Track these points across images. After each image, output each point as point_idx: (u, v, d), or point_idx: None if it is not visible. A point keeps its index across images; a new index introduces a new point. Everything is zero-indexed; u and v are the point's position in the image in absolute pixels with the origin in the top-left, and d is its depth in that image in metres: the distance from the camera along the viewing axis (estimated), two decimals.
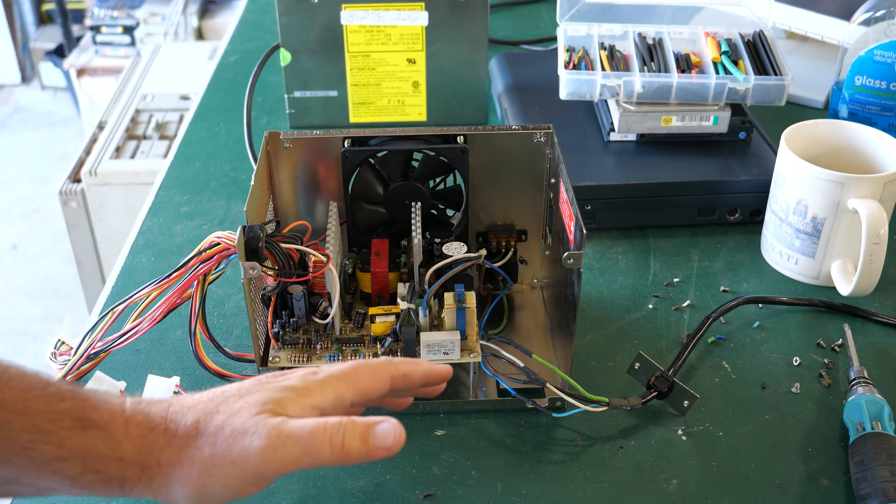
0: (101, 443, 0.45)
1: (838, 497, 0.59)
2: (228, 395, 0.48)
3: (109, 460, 0.45)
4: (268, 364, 0.62)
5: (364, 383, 0.51)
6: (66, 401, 0.45)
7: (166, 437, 0.46)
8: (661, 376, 0.64)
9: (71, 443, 0.44)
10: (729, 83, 0.85)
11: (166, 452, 0.46)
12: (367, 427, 0.48)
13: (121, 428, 0.45)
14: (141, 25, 2.70)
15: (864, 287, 0.73)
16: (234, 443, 0.46)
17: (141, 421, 0.46)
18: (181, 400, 0.48)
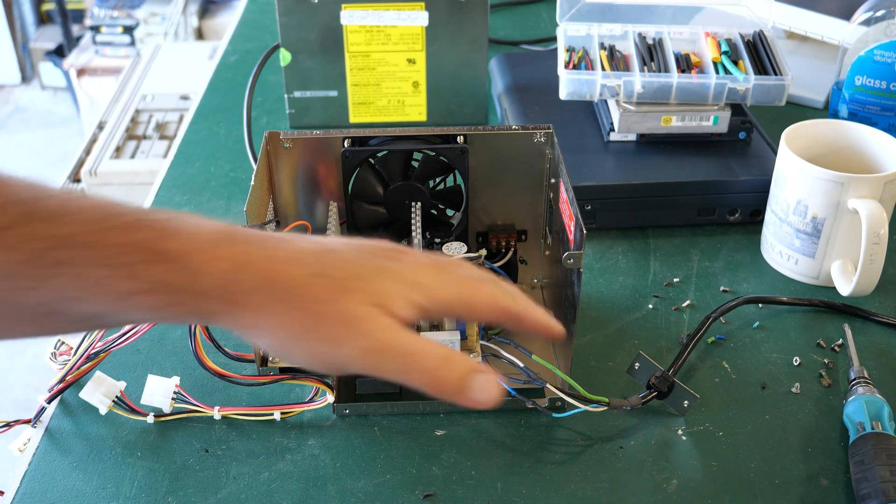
0: (178, 276, 0.42)
1: (838, 497, 0.59)
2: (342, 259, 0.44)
3: (189, 293, 0.42)
4: (268, 364, 0.62)
5: (479, 305, 0.47)
6: (141, 230, 0.41)
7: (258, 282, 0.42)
8: (661, 376, 0.64)
9: (146, 276, 0.41)
10: (729, 83, 0.85)
11: (257, 297, 0.43)
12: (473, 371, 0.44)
13: (200, 259, 0.42)
14: (141, 25, 2.70)
15: (864, 287, 0.73)
16: (337, 327, 0.43)
17: (228, 258, 0.42)
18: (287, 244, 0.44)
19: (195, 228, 0.43)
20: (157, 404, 0.64)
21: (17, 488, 0.60)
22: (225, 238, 0.43)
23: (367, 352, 0.43)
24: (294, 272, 0.43)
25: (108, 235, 0.41)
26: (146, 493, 0.59)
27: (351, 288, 0.43)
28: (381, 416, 0.65)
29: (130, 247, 0.41)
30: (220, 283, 0.42)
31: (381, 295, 0.44)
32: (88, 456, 0.62)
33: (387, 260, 0.45)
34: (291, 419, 0.64)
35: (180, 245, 0.42)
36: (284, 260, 0.43)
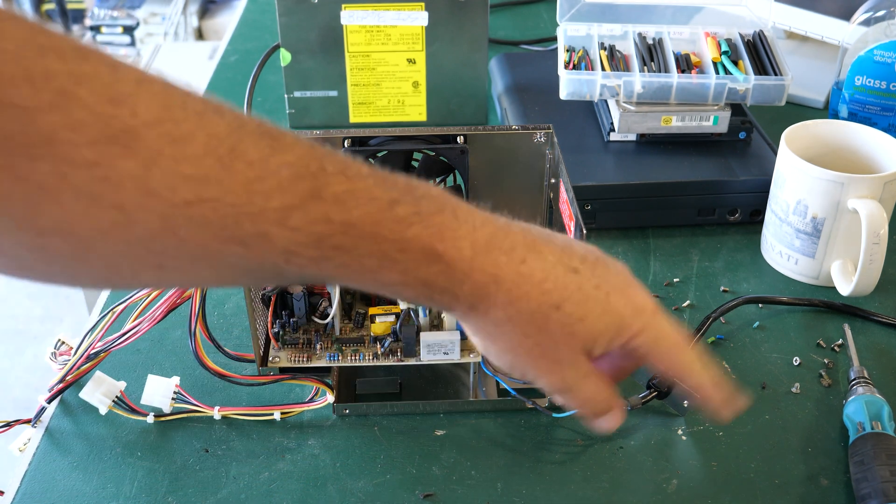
0: (444, 279, 0.43)
1: (838, 497, 0.59)
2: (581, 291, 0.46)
3: (446, 294, 0.44)
4: (268, 364, 0.62)
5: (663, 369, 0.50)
6: (413, 226, 0.42)
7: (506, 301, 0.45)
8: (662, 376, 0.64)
9: (416, 273, 0.43)
10: (729, 83, 0.85)
11: (498, 313, 0.45)
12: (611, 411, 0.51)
13: (466, 267, 0.44)
14: (141, 25, 2.70)
15: (864, 287, 0.73)
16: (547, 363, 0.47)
17: (487, 269, 0.44)
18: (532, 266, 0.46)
19: (459, 227, 0.44)
20: (157, 404, 0.64)
21: (17, 488, 0.60)
22: (485, 245, 0.44)
23: (556, 388, 0.49)
24: (538, 300, 0.45)
25: (386, 228, 0.41)
26: (146, 493, 0.59)
27: (576, 333, 0.47)
28: (381, 416, 0.65)
29: (406, 243, 0.42)
30: (475, 292, 0.44)
31: (595, 342, 0.47)
32: (88, 456, 0.62)
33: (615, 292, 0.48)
34: (291, 419, 0.64)
35: (448, 249, 0.43)
36: (535, 282, 0.45)
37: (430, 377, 0.68)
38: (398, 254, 0.42)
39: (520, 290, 0.45)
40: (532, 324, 0.46)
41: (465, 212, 0.45)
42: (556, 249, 0.47)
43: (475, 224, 0.44)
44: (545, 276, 0.46)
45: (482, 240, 0.44)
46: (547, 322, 0.46)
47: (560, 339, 0.47)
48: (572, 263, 0.47)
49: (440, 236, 0.43)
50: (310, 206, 0.39)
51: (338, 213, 0.40)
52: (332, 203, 0.40)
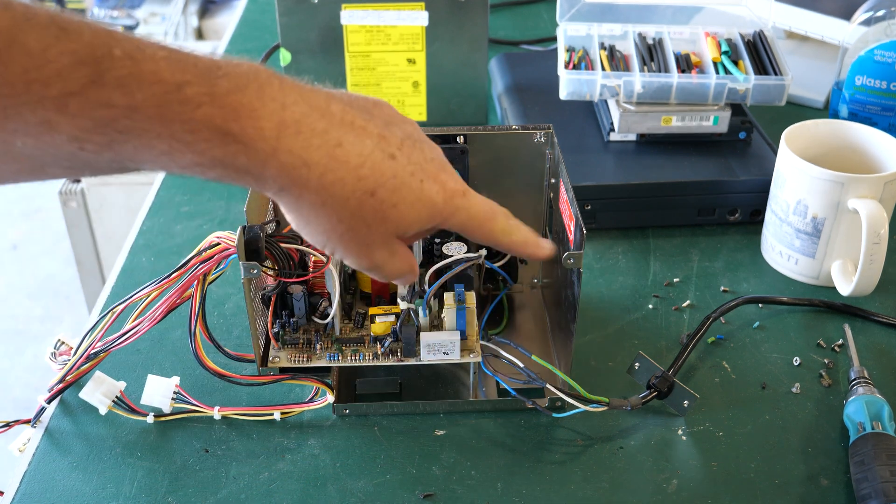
0: (244, 159, 0.43)
1: (838, 497, 0.59)
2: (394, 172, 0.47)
3: (250, 175, 0.44)
4: (268, 364, 0.62)
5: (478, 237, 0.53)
6: (202, 107, 0.41)
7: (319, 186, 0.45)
8: (661, 376, 0.64)
9: (210, 154, 0.42)
10: (729, 83, 0.85)
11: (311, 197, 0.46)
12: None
13: (268, 148, 0.43)
14: (141, 25, 2.70)
15: (864, 287, 0.73)
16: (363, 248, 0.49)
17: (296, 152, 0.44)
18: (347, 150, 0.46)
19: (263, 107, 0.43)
20: (157, 404, 0.64)
21: (16, 488, 0.60)
22: (295, 126, 0.44)
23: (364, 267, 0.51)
24: (352, 186, 0.46)
25: (172, 109, 0.41)
26: (146, 493, 0.59)
27: (388, 219, 0.48)
28: (381, 416, 0.65)
29: (195, 124, 0.41)
30: (284, 173, 0.44)
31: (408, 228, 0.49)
32: (88, 456, 0.62)
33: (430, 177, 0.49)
34: (291, 419, 0.64)
35: (245, 129, 0.42)
36: (350, 168, 0.46)
37: (430, 377, 0.68)
38: (187, 135, 0.41)
39: (334, 174, 0.45)
40: (346, 209, 0.46)
41: (275, 89, 0.44)
42: (375, 133, 0.47)
43: (284, 102, 0.44)
44: (361, 162, 0.46)
45: (291, 119, 0.44)
46: (361, 208, 0.47)
47: (373, 225, 0.48)
48: (390, 149, 0.48)
49: (235, 115, 0.42)
50: (90, 91, 0.39)
51: (120, 96, 0.40)
52: (113, 87, 0.40)
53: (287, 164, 0.44)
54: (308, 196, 0.46)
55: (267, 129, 0.43)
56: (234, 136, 0.42)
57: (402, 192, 0.48)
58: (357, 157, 0.46)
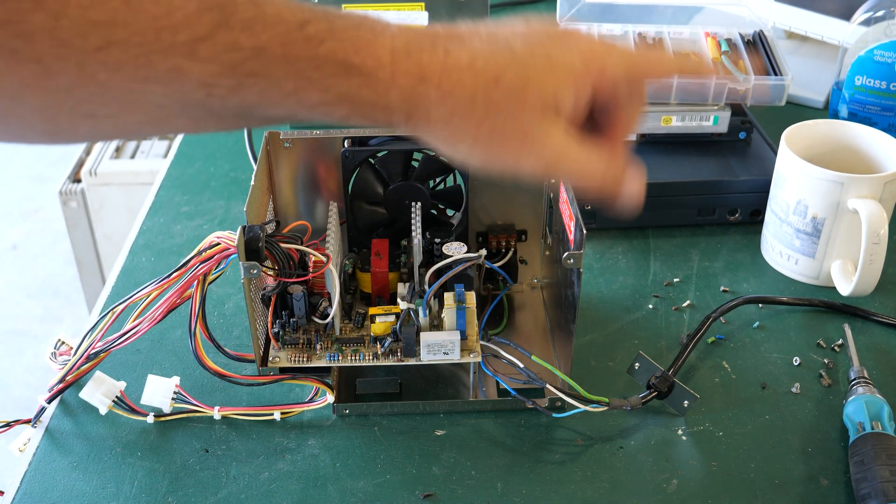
0: (367, 90, 0.43)
1: (838, 497, 0.59)
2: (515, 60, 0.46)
3: (376, 107, 0.44)
4: (268, 364, 0.62)
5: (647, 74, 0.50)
6: (325, 43, 0.42)
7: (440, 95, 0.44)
8: (661, 376, 0.64)
9: (336, 89, 0.43)
10: (729, 83, 0.85)
11: (439, 110, 0.45)
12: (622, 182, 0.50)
13: (387, 75, 0.43)
14: None
15: (864, 287, 0.73)
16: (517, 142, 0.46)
17: (411, 71, 0.44)
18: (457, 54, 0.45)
19: (376, 39, 0.44)
20: (157, 404, 0.64)
21: (17, 488, 0.60)
22: (405, 49, 0.44)
23: (542, 166, 0.48)
24: (473, 82, 0.45)
25: (297, 48, 0.41)
26: (146, 493, 0.59)
27: (527, 99, 0.46)
28: (381, 416, 0.65)
29: (320, 60, 0.42)
30: (405, 97, 0.44)
31: (557, 100, 0.47)
32: (88, 456, 0.62)
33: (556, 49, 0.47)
34: (291, 419, 0.64)
35: (366, 59, 0.43)
36: (465, 68, 0.45)
37: (430, 377, 0.68)
38: (313, 72, 0.42)
39: (451, 79, 0.45)
40: (477, 108, 0.45)
41: (383, 25, 0.45)
42: (483, 34, 0.47)
43: (393, 34, 0.44)
44: (473, 58, 0.45)
45: (401, 46, 0.44)
46: (490, 100, 0.45)
47: (515, 111, 0.46)
48: (500, 41, 0.46)
49: (355, 49, 0.43)
50: (218, 35, 0.40)
51: (246, 39, 0.40)
52: (240, 30, 0.40)
53: (405, 85, 0.44)
54: (436, 111, 0.45)
55: (383, 57, 0.43)
56: (357, 67, 0.43)
57: (528, 69, 0.46)
58: (468, 56, 0.45)
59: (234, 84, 0.41)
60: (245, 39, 0.40)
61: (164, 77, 0.39)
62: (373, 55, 0.43)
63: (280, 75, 0.41)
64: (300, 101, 0.43)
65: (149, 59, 0.39)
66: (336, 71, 0.42)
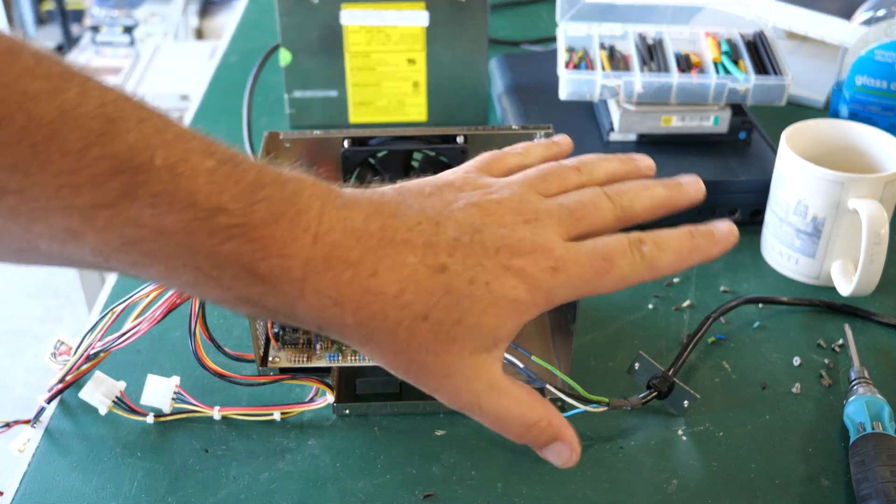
0: (271, 300, 0.39)
1: (839, 497, 0.59)
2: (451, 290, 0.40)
3: (281, 315, 0.40)
4: (268, 364, 0.62)
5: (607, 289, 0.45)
6: (232, 241, 0.37)
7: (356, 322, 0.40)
8: (661, 376, 0.64)
9: (238, 291, 0.39)
10: (729, 83, 0.85)
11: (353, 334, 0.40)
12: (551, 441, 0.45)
13: (295, 290, 0.39)
14: (141, 25, 2.70)
15: (864, 287, 0.73)
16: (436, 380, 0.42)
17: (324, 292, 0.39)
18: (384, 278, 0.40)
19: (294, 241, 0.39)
20: (157, 404, 0.64)
21: (16, 488, 0.60)
22: (324, 260, 0.39)
23: (459, 406, 0.43)
24: (396, 315, 0.40)
25: (200, 240, 0.37)
26: (146, 493, 0.59)
27: (456, 338, 0.41)
28: (381, 416, 0.65)
29: (222, 259, 0.38)
30: (315, 315, 0.40)
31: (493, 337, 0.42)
32: (88, 456, 0.62)
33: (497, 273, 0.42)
34: (291, 419, 0.64)
35: (273, 269, 0.38)
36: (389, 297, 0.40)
37: None
38: (213, 270, 0.38)
39: (370, 308, 0.40)
40: (396, 341, 0.41)
41: (312, 216, 0.39)
42: (419, 244, 0.41)
43: (317, 233, 0.39)
44: (402, 288, 0.40)
45: (320, 254, 0.39)
46: (414, 337, 0.40)
47: (440, 352, 0.41)
48: (438, 260, 0.41)
49: (263, 253, 0.38)
50: (121, 205, 0.36)
51: (150, 216, 0.36)
52: (145, 205, 0.36)
53: (316, 305, 0.39)
54: (350, 333, 0.41)
55: (294, 269, 0.39)
56: (262, 276, 0.38)
57: (464, 305, 0.41)
58: (396, 283, 0.40)
59: (131, 260, 0.37)
60: (148, 217, 0.36)
61: (59, 236, 0.36)
62: (283, 264, 0.38)
63: (179, 263, 0.37)
64: (199, 292, 0.39)
65: (45, 216, 0.35)
66: (238, 274, 0.38)
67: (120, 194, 0.36)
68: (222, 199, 0.37)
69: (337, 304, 0.39)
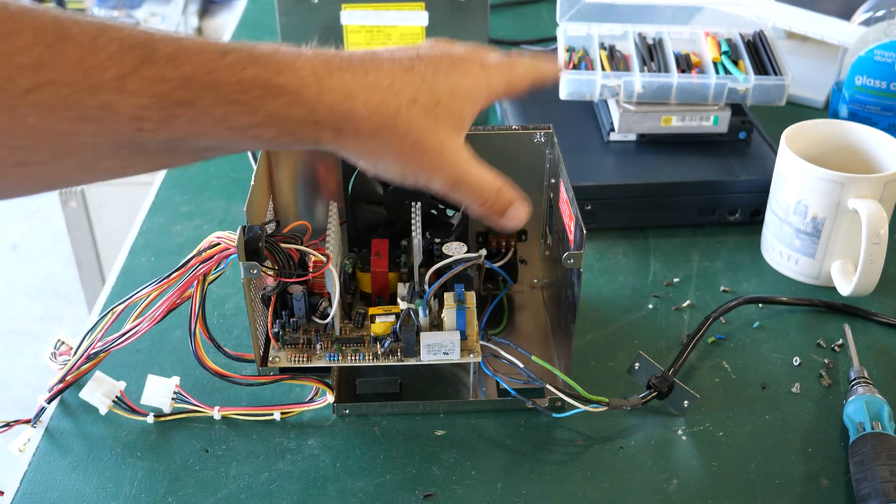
0: (295, 108, 0.46)
1: (838, 497, 0.59)
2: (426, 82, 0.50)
3: (305, 123, 0.46)
4: (268, 364, 0.62)
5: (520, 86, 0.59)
6: (248, 68, 0.44)
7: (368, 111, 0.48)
8: (661, 376, 0.64)
9: (265, 110, 0.45)
10: (729, 83, 0.85)
11: (367, 125, 0.48)
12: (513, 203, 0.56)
13: (313, 92, 0.46)
14: (141, 25, 2.70)
15: (864, 287, 0.73)
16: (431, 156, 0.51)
17: (337, 88, 0.47)
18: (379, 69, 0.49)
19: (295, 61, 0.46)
20: (157, 404, 0.64)
21: (16, 488, 0.60)
22: (325, 69, 0.47)
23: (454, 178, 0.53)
24: (394, 101, 0.49)
25: (222, 74, 0.43)
26: (146, 493, 0.59)
27: (440, 116, 0.51)
28: (381, 416, 0.65)
29: (245, 83, 0.44)
30: (334, 111, 0.47)
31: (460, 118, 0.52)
32: (88, 456, 0.62)
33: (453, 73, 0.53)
34: (291, 419, 0.64)
35: (290, 80, 0.45)
36: (385, 88, 0.49)
37: (430, 377, 0.68)
38: (241, 95, 0.44)
39: (376, 98, 0.48)
40: (400, 123, 0.49)
41: (298, 51, 0.47)
42: (387, 58, 0.50)
43: (310, 57, 0.47)
44: (391, 80, 0.49)
45: (320, 65, 0.47)
46: (412, 119, 0.49)
47: (432, 126, 0.50)
48: (408, 64, 0.51)
49: (277, 70, 0.45)
50: (144, 69, 0.41)
51: (172, 70, 0.42)
52: (164, 63, 0.42)
53: (334, 101, 0.46)
54: (364, 126, 0.48)
55: (307, 77, 0.46)
56: (282, 88, 0.45)
57: (438, 89, 0.51)
58: (385, 77, 0.49)
59: (164, 115, 0.42)
60: (171, 71, 0.42)
61: (95, 114, 0.41)
62: (296, 75, 0.46)
63: (208, 101, 0.43)
64: (230, 126, 0.44)
65: (78, 98, 0.40)
66: (263, 92, 0.44)
67: (138, 62, 0.41)
68: (224, 45, 0.44)
69: (350, 97, 0.47)
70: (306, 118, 0.46)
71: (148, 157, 0.45)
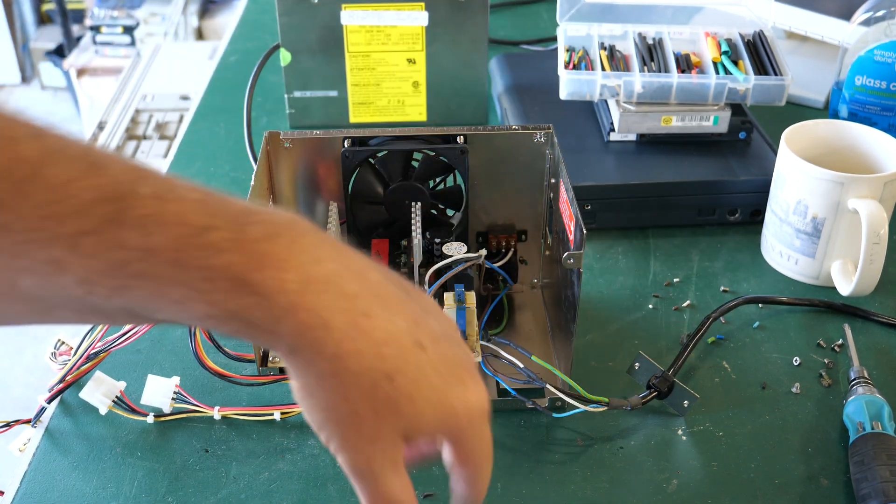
0: (258, 313, 0.38)
1: (838, 497, 0.59)
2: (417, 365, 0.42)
3: (260, 331, 0.39)
4: (268, 364, 0.62)
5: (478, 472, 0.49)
6: (224, 254, 0.38)
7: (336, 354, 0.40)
8: (661, 376, 0.64)
9: (225, 305, 0.38)
10: (729, 83, 0.85)
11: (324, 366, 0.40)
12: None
13: (287, 303, 0.38)
14: (141, 25, 2.70)
15: (864, 287, 0.73)
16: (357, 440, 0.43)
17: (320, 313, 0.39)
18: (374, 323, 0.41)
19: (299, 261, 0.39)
20: (157, 404, 0.64)
21: (17, 488, 0.60)
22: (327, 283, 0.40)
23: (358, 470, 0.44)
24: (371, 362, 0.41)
25: (191, 254, 0.37)
26: (146, 493, 0.59)
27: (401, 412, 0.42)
28: None
29: (213, 271, 0.38)
30: (297, 333, 0.39)
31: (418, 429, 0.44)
32: (88, 456, 0.62)
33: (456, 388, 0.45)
34: (291, 419, 0.64)
35: (270, 280, 0.38)
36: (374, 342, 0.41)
37: None
38: (203, 283, 0.38)
39: (354, 344, 0.40)
40: (356, 386, 0.41)
41: (310, 242, 0.40)
42: (409, 316, 0.42)
43: (318, 257, 0.40)
44: (386, 339, 0.41)
45: (320, 276, 0.39)
46: (374, 390, 0.41)
47: (382, 414, 0.42)
48: (421, 338, 0.42)
49: (259, 264, 0.38)
50: (107, 230, 0.36)
51: (138, 237, 0.36)
52: (132, 227, 0.36)
53: (305, 322, 0.39)
54: (319, 363, 0.40)
55: (290, 282, 0.38)
56: (253, 286, 0.38)
57: (423, 387, 0.42)
58: (383, 332, 0.41)
59: (118, 285, 0.37)
60: (136, 238, 0.36)
61: (42, 269, 0.36)
62: (278, 277, 0.38)
63: (167, 282, 0.37)
64: (186, 310, 0.39)
65: (27, 249, 0.35)
66: (228, 286, 0.38)
67: (105, 220, 0.36)
68: (213, 220, 0.38)
69: (326, 327, 0.39)
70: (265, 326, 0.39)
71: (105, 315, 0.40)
